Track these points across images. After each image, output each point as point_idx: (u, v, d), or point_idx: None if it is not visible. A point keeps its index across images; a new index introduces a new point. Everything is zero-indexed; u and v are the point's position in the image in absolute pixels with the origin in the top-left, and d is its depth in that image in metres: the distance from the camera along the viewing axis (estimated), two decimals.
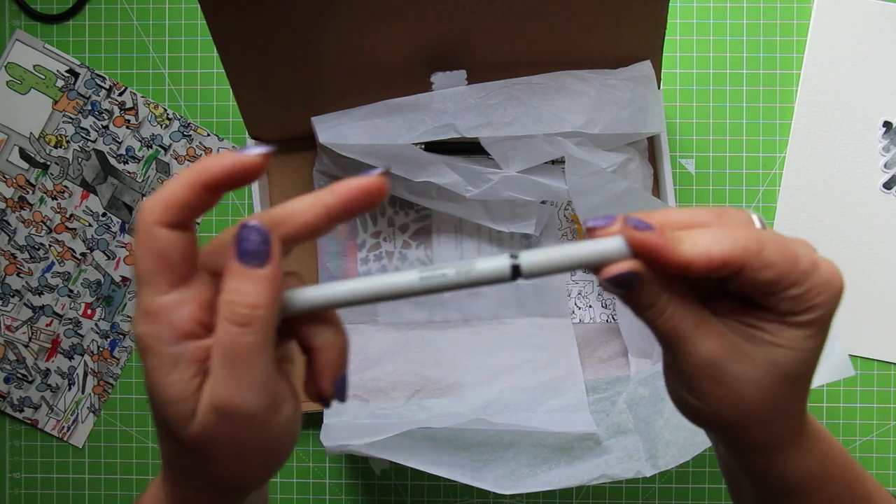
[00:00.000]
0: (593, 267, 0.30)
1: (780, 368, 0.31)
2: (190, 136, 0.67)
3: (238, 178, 0.28)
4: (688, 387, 0.32)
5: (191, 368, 0.28)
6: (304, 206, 0.29)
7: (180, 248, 0.28)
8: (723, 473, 0.40)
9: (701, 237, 0.29)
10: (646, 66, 0.59)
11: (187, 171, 0.28)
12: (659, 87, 0.60)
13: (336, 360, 0.31)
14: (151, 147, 0.67)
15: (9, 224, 0.67)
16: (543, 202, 0.62)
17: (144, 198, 0.68)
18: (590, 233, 0.31)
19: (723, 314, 0.32)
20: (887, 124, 0.65)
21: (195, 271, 0.29)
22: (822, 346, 0.31)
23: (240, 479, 0.31)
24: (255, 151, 0.28)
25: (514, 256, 0.30)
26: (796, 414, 0.33)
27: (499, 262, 0.30)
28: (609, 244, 0.30)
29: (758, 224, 0.31)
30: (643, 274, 0.30)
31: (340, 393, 0.31)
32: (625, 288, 0.30)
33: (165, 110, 0.67)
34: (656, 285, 0.30)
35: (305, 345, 0.31)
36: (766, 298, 0.30)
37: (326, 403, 0.31)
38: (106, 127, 0.67)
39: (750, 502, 0.37)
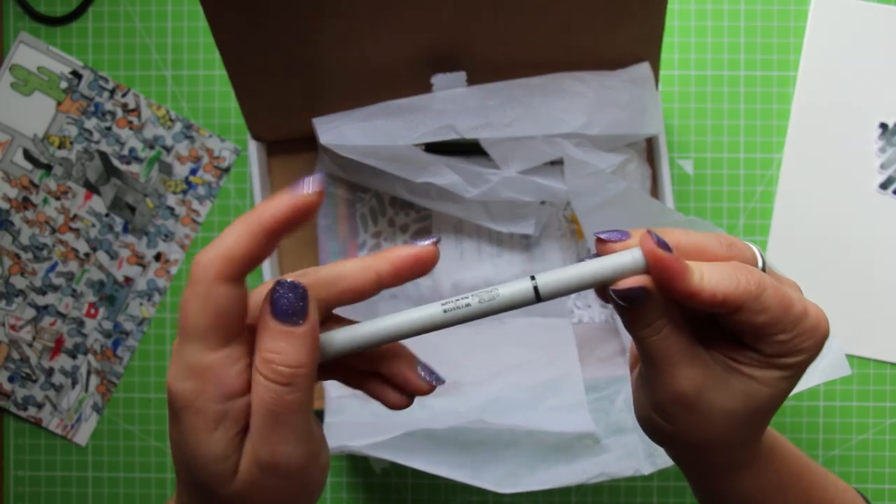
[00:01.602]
0: (607, 283, 0.30)
1: (754, 402, 0.31)
2: (192, 137, 0.68)
3: (297, 220, 0.27)
4: (660, 409, 0.32)
5: (236, 426, 0.28)
6: (355, 271, 0.29)
7: (238, 304, 0.27)
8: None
9: (709, 272, 0.29)
10: (644, 68, 0.59)
11: (245, 220, 0.27)
12: (657, 89, 0.61)
13: (404, 358, 0.31)
14: (154, 148, 0.68)
15: (13, 224, 0.68)
16: (543, 203, 0.63)
17: (199, 250, 0.68)
18: (600, 245, 0.30)
19: (707, 342, 0.32)
20: (883, 125, 0.66)
21: (244, 327, 0.28)
22: (795, 385, 0.32)
23: None
24: (308, 188, 0.27)
25: (532, 278, 0.29)
26: (755, 443, 0.34)
27: (522, 285, 0.29)
28: (626, 260, 0.29)
29: (760, 262, 0.31)
30: (653, 292, 0.29)
31: (433, 376, 0.31)
32: (632, 302, 0.30)
33: (168, 112, 0.68)
34: (660, 305, 0.30)
35: (358, 371, 0.31)
36: (755, 340, 0.30)
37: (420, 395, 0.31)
38: (109, 128, 0.68)
39: None
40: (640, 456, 0.56)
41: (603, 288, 0.30)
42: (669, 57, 0.67)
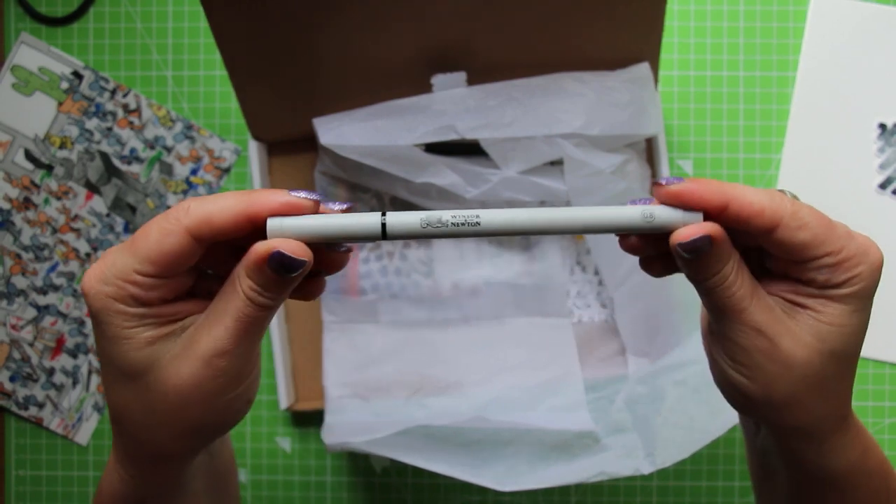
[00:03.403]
0: (636, 232, 0.30)
1: (827, 346, 0.31)
2: (193, 137, 0.68)
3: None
4: (739, 362, 0.32)
5: (155, 327, 0.30)
6: (228, 215, 0.31)
7: (189, 260, 0.30)
8: (750, 465, 0.40)
9: (742, 188, 0.30)
10: (644, 68, 0.60)
11: (239, 199, 0.29)
12: (657, 89, 0.61)
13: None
14: (154, 148, 0.68)
15: (14, 224, 0.68)
16: (543, 203, 0.63)
17: (183, 197, 0.68)
18: (656, 188, 0.31)
19: (768, 291, 0.32)
20: (882, 125, 0.66)
21: (180, 273, 0.31)
22: (865, 322, 0.32)
23: (200, 423, 0.32)
24: (306, 194, 0.30)
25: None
26: (841, 398, 0.33)
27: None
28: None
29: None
30: (717, 239, 0.29)
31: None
32: (696, 254, 0.30)
33: (168, 112, 0.68)
34: (725, 252, 0.30)
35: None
36: (804, 267, 0.30)
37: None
38: (110, 129, 0.68)
39: (781, 495, 0.37)
40: (639, 455, 0.56)
41: (625, 237, 0.32)
42: (669, 57, 0.67)
